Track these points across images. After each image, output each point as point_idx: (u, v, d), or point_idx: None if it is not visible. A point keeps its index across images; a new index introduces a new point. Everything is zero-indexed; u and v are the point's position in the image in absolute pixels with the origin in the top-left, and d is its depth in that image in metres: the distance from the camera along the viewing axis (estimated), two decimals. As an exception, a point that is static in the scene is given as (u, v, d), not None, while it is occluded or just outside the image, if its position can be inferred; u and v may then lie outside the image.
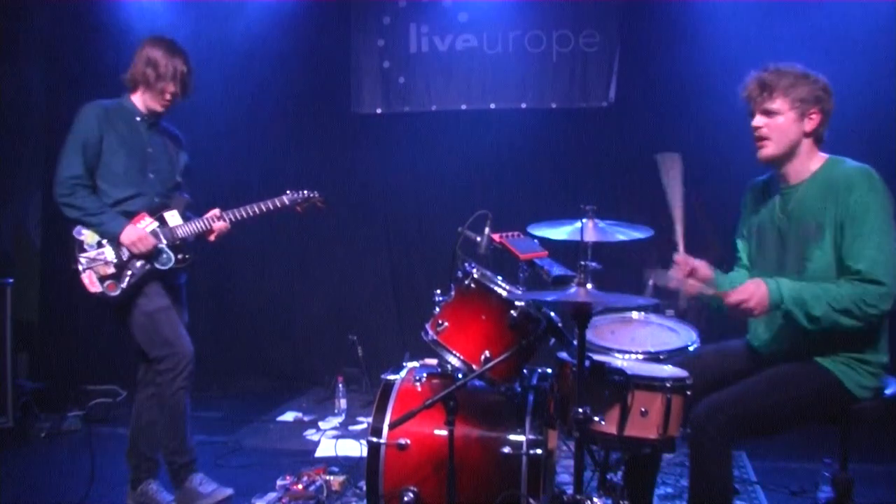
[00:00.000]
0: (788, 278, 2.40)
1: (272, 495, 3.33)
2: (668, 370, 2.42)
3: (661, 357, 2.56)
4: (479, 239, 2.70)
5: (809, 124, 2.41)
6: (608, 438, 2.29)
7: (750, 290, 2.32)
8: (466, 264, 2.57)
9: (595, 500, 2.33)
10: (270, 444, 4.22)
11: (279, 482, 3.42)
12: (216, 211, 3.29)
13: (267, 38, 5.44)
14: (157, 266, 3.14)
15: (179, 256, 3.19)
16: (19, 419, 4.33)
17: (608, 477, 2.52)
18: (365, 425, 4.35)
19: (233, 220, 3.30)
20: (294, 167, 5.54)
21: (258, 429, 4.53)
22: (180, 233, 3.20)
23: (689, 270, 2.52)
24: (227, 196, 4.26)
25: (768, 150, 2.45)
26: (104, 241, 3.09)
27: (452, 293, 2.60)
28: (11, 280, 4.39)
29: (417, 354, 3.21)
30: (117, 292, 3.08)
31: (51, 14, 5.34)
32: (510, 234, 2.73)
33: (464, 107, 5.35)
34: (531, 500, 2.47)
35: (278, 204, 3.38)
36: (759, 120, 2.45)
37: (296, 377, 5.54)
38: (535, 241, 2.72)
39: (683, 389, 2.29)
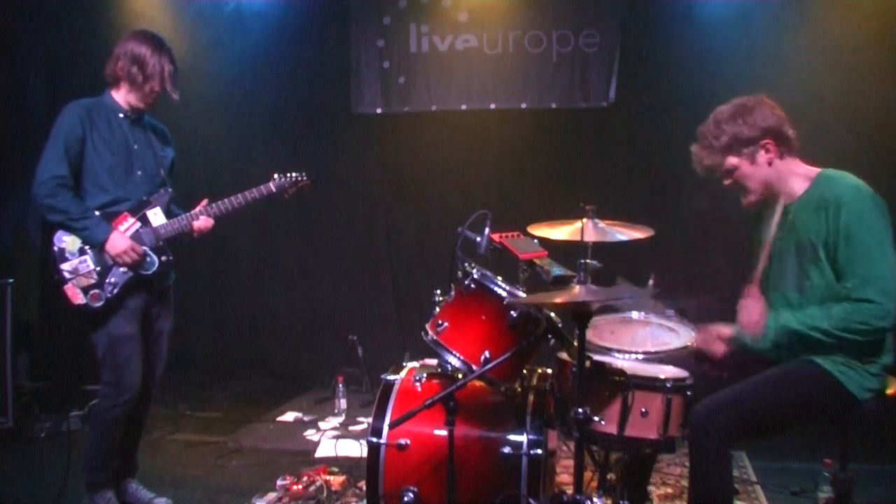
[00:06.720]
0: (791, 295, 2.43)
1: (272, 495, 3.33)
2: (668, 370, 2.42)
3: (662, 357, 2.56)
4: (479, 239, 2.70)
5: (767, 156, 2.45)
6: (608, 438, 2.30)
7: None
8: (466, 264, 2.57)
9: (595, 500, 2.33)
10: (270, 444, 4.21)
11: (279, 482, 3.42)
12: (204, 202, 3.16)
13: (267, 39, 5.44)
14: (141, 272, 3.01)
15: (163, 259, 3.06)
16: (19, 419, 4.33)
17: (608, 477, 2.53)
18: (365, 425, 4.35)
19: (217, 213, 3.15)
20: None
21: (258, 429, 4.52)
22: (163, 232, 3.06)
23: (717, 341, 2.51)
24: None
25: (749, 197, 2.53)
26: (86, 248, 2.95)
27: (452, 293, 2.59)
28: (11, 280, 4.39)
29: (417, 354, 3.21)
30: (101, 303, 2.94)
31: (51, 17, 5.34)
32: (510, 234, 2.72)
33: (464, 107, 5.35)
34: (531, 500, 2.47)
35: (264, 192, 3.21)
36: (727, 182, 2.53)
37: (296, 377, 5.54)
38: (535, 241, 2.72)
39: (683, 389, 2.30)
